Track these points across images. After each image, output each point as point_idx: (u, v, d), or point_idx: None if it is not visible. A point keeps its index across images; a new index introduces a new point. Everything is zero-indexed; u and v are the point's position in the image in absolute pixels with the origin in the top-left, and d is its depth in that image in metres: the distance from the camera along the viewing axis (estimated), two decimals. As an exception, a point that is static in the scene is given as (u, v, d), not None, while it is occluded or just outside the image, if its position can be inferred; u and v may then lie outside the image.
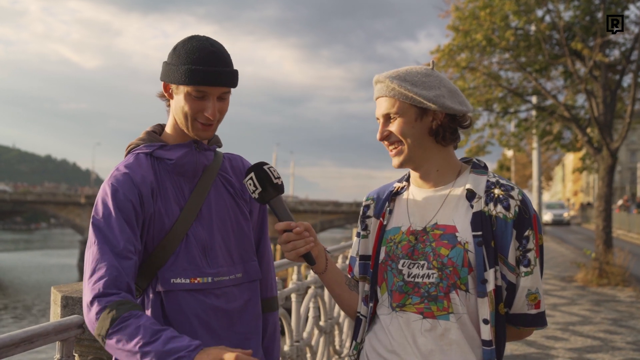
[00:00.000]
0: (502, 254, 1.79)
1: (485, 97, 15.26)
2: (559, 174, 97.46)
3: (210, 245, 1.95)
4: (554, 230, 38.17)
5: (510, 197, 1.81)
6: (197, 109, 1.88)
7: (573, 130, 15.63)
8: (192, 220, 1.93)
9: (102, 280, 1.73)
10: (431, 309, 1.81)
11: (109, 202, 1.84)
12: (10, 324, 28.21)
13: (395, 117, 1.87)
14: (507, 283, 1.81)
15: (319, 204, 64.59)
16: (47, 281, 44.58)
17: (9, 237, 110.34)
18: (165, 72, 1.91)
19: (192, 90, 1.86)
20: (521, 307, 1.83)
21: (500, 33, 13.66)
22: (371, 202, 2.07)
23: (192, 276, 1.89)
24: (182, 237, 1.91)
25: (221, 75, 1.86)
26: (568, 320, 8.74)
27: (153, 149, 1.96)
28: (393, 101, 1.87)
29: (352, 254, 2.11)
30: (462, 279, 1.78)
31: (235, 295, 1.98)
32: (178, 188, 1.95)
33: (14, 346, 1.80)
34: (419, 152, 1.88)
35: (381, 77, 1.91)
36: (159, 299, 1.89)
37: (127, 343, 1.65)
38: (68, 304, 2.23)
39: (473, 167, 1.93)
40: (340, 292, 2.04)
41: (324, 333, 4.62)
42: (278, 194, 1.88)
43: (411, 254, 1.86)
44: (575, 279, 13.30)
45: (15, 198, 71.54)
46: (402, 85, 1.85)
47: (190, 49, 1.86)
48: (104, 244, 1.78)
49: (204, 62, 1.84)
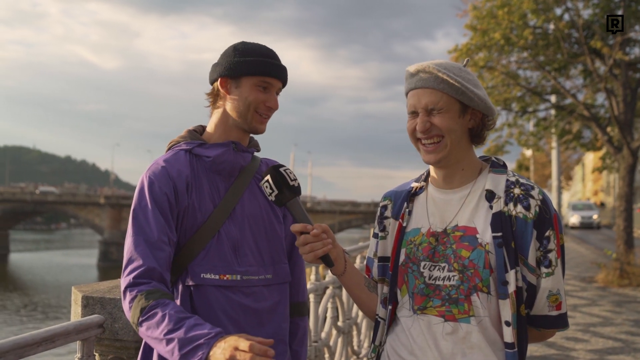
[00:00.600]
0: (522, 255, 1.77)
1: (503, 96, 15.16)
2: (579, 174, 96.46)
3: (241, 244, 1.99)
4: (573, 229, 37.72)
5: (531, 197, 1.78)
6: (261, 100, 1.99)
7: (593, 129, 15.49)
8: (224, 218, 1.97)
9: (135, 271, 1.81)
10: (452, 312, 1.78)
11: (145, 194, 1.92)
12: (31, 323, 28.52)
13: (440, 111, 1.80)
14: (528, 284, 1.78)
15: (336, 204, 64.57)
16: (68, 281, 45.03)
17: (30, 237, 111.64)
18: (226, 67, 2.00)
19: (258, 81, 1.99)
20: (542, 309, 1.80)
21: (519, 32, 13.56)
22: (388, 203, 2.04)
23: (221, 272, 1.94)
24: (214, 233, 1.95)
25: (282, 70, 2.04)
26: (589, 321, 8.65)
27: (192, 146, 2.03)
28: (440, 94, 1.79)
29: (369, 255, 2.09)
30: (484, 280, 1.75)
31: (265, 295, 2.00)
32: (214, 186, 2.00)
33: (35, 345, 1.82)
34: (456, 149, 1.85)
35: (428, 67, 1.81)
36: (188, 292, 1.93)
37: (154, 330, 1.71)
38: (88, 303, 2.25)
39: (492, 166, 1.90)
40: (360, 293, 2.02)
41: (342, 333, 4.62)
42: (294, 196, 1.88)
43: (432, 256, 1.84)
44: (596, 280, 13.16)
45: (36, 198, 72.20)
46: (455, 79, 1.78)
47: (253, 47, 2.03)
48: (139, 234, 1.86)
49: (270, 56, 2.02)
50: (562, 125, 16.08)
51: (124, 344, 2.24)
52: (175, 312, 1.73)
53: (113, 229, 63.03)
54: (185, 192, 1.95)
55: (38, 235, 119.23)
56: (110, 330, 2.21)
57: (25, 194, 77.81)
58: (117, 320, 2.22)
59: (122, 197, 70.96)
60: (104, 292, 2.29)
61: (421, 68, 1.83)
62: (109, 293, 2.28)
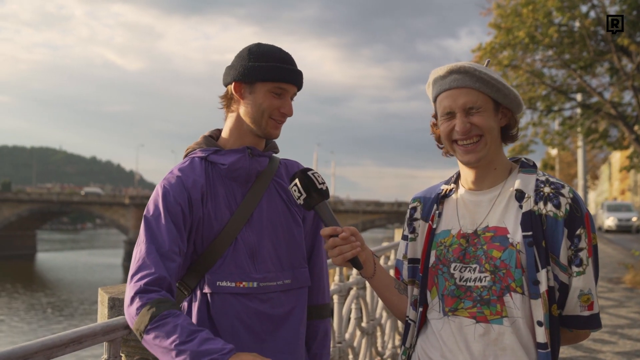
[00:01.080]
0: (553, 254, 1.75)
1: (528, 95, 15.05)
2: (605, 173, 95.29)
3: (259, 251, 1.98)
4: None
5: (561, 195, 1.76)
6: (275, 106, 1.98)
7: (620, 127, 15.29)
8: (242, 225, 1.97)
9: (146, 278, 1.80)
10: (484, 313, 1.77)
11: (159, 204, 1.92)
12: (57, 322, 28.91)
13: (478, 110, 1.81)
14: (559, 284, 1.76)
15: (360, 204, 64.41)
16: (93, 280, 45.58)
17: (56, 237, 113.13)
18: (241, 71, 1.98)
19: (273, 87, 1.97)
20: (574, 309, 1.77)
21: (544, 30, 13.45)
22: (418, 205, 2.04)
23: (237, 280, 1.94)
24: (231, 241, 1.95)
25: (298, 75, 2.02)
26: (616, 323, 8.53)
27: (208, 154, 2.02)
28: (477, 93, 1.80)
29: (398, 257, 2.08)
30: (517, 280, 1.74)
31: (282, 301, 2.00)
32: (230, 193, 2.00)
33: (63, 346, 1.83)
34: (494, 149, 1.85)
35: (462, 67, 1.81)
36: (205, 299, 1.94)
37: (164, 340, 1.70)
38: (115, 305, 2.27)
39: (522, 166, 1.89)
40: (390, 296, 2.01)
41: (366, 334, 4.61)
42: (323, 200, 1.88)
43: (462, 258, 1.83)
44: (623, 281, 12.97)
45: (62, 199, 73.11)
46: (490, 77, 1.80)
47: (268, 50, 2.00)
48: (151, 243, 1.86)
49: (285, 62, 1.99)
50: (588, 124, 15.91)
51: (149, 345, 2.25)
52: (187, 324, 1.72)
53: (138, 229, 63.18)
54: (200, 202, 1.95)
55: (64, 235, 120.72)
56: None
57: (51, 195, 78.84)
58: (143, 321, 2.23)
59: (146, 197, 71.40)
60: (130, 293, 2.30)
61: (454, 69, 1.82)
62: (135, 294, 2.29)
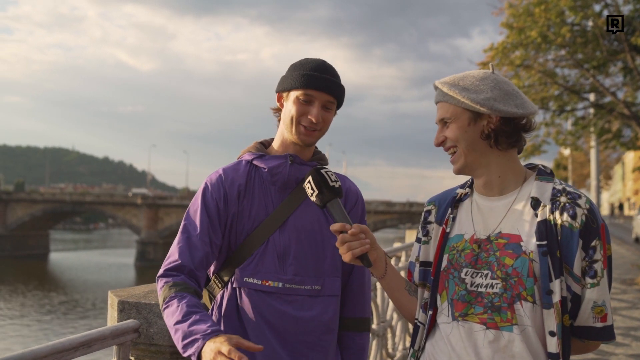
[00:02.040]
0: (567, 264, 1.73)
1: (540, 95, 14.97)
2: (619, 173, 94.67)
3: (289, 254, 2.06)
4: (612, 229, 36.94)
5: (577, 206, 1.74)
6: (303, 112, 2.06)
7: (633, 127, 15.18)
8: (274, 228, 2.07)
9: (169, 264, 2.00)
10: (494, 320, 1.76)
11: (199, 198, 2.11)
12: (69, 322, 29.10)
13: (449, 122, 1.87)
14: (572, 294, 1.74)
15: (371, 204, 64.29)
16: (106, 280, 45.83)
17: (69, 236, 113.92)
18: (280, 83, 2.14)
19: (300, 94, 2.06)
20: (586, 320, 1.76)
21: (556, 29, 13.37)
22: (432, 208, 2.04)
23: (264, 278, 2.05)
24: (263, 241, 2.07)
25: (328, 82, 2.07)
26: (629, 325, 8.47)
27: (253, 157, 2.15)
28: (447, 106, 1.87)
29: (411, 259, 2.09)
30: (528, 289, 1.73)
31: (310, 305, 2.07)
32: (268, 196, 2.11)
33: (73, 350, 1.84)
34: (474, 156, 1.85)
35: (437, 83, 1.92)
36: (235, 294, 2.07)
37: (170, 319, 1.88)
38: (124, 308, 2.27)
39: (538, 173, 1.87)
40: (400, 297, 2.02)
41: (376, 336, 4.60)
42: (335, 197, 1.90)
43: (474, 263, 1.82)
44: (637, 282, 12.89)
45: (75, 199, 73.49)
46: (452, 90, 1.85)
47: (305, 61, 2.11)
48: (184, 233, 2.06)
49: (314, 69, 2.07)
50: (601, 124, 15.80)
51: (159, 348, 2.25)
52: (188, 305, 1.86)
53: (150, 229, 63.80)
54: (237, 199, 2.09)
55: (77, 235, 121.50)
56: (145, 335, 2.23)
57: (64, 195, 79.32)
58: (152, 325, 2.24)
59: (158, 198, 71.82)
60: (140, 297, 2.31)
61: (435, 84, 1.93)
62: (145, 298, 2.30)
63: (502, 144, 1.84)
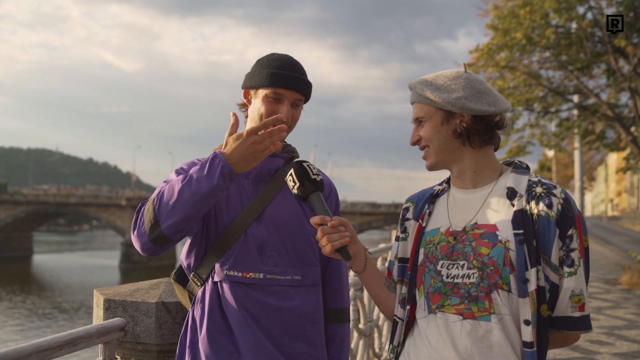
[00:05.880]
0: (544, 254, 1.75)
1: (525, 96, 15.07)
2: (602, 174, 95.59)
3: (267, 245, 2.06)
4: (596, 230, 37.32)
5: (553, 195, 1.77)
6: (272, 111, 2.06)
7: (616, 129, 15.32)
8: (251, 220, 2.07)
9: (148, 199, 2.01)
10: (471, 310, 1.77)
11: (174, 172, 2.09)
12: (54, 324, 28.85)
13: (423, 122, 1.90)
14: (550, 284, 1.76)
15: (357, 206, 64.41)
16: (90, 282, 45.52)
17: (53, 238, 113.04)
18: (247, 79, 2.13)
19: (270, 92, 2.06)
20: (564, 310, 1.78)
21: (541, 31, 13.47)
22: (411, 205, 2.06)
23: (244, 270, 2.04)
24: (240, 234, 2.06)
25: (297, 81, 2.08)
26: (613, 324, 8.54)
27: None
28: (421, 106, 1.91)
29: (391, 258, 2.10)
30: (503, 278, 1.74)
31: (291, 295, 2.07)
32: (242, 189, 2.11)
33: (57, 348, 1.83)
34: (445, 155, 1.89)
35: (411, 83, 1.95)
36: (216, 288, 2.05)
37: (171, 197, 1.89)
38: (110, 306, 2.26)
39: (514, 167, 1.90)
40: (379, 292, 2.03)
41: (363, 336, 4.60)
42: (316, 190, 1.92)
43: (450, 255, 1.83)
44: (620, 282, 12.99)
45: (58, 200, 72.93)
46: (425, 90, 1.89)
47: (272, 58, 2.11)
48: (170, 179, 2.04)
49: (284, 68, 2.07)
50: (585, 125, 15.93)
51: (145, 347, 2.24)
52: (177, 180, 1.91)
53: (134, 231, 63.35)
54: None
55: (61, 237, 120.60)
56: (131, 334, 2.22)
57: (48, 196, 78.71)
58: (138, 323, 2.22)
59: (143, 199, 71.12)
60: (126, 295, 2.30)
61: (409, 85, 1.96)
62: (131, 296, 2.28)
63: (475, 141, 1.87)
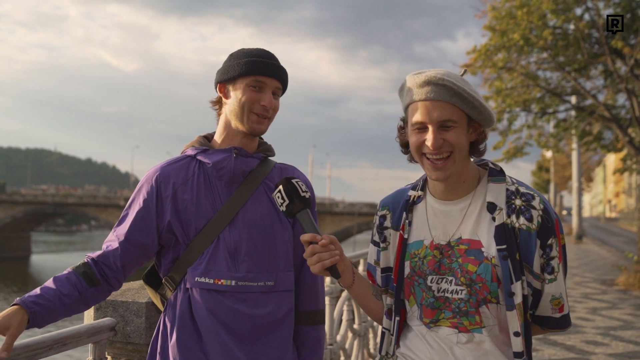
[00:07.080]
0: (527, 264, 1.77)
1: (522, 97, 15.05)
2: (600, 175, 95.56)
3: (240, 251, 2.00)
4: (594, 231, 37.28)
5: (532, 208, 1.77)
6: (254, 99, 2.01)
7: (614, 130, 15.31)
8: (224, 225, 1.99)
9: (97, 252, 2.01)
10: (464, 324, 1.79)
11: (134, 194, 2.08)
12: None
13: (452, 126, 1.73)
14: (533, 290, 1.81)
15: (355, 206, 64.40)
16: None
17: (51, 238, 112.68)
18: (222, 72, 2.07)
19: (251, 81, 2.01)
20: (546, 311, 1.85)
21: (538, 32, 13.46)
22: (387, 213, 1.99)
23: (216, 277, 1.97)
24: (213, 239, 1.99)
25: (278, 68, 2.05)
26: (609, 324, 8.54)
27: (197, 152, 2.07)
28: (452, 108, 1.72)
29: (369, 261, 2.05)
30: (492, 293, 1.76)
31: (263, 302, 2.01)
32: (215, 192, 2.03)
33: (47, 348, 1.83)
34: (462, 164, 1.80)
35: (441, 79, 1.71)
36: (187, 294, 1.99)
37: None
38: (101, 306, 2.26)
39: (490, 174, 1.85)
40: (369, 303, 2.00)
41: (358, 336, 4.61)
42: (305, 207, 1.85)
43: (438, 269, 1.82)
44: (617, 283, 13.01)
45: (57, 200, 72.84)
46: (469, 93, 1.71)
47: (247, 50, 2.08)
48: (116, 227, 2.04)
49: (262, 56, 2.04)
50: (582, 126, 15.92)
51: (135, 346, 2.24)
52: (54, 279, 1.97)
53: (133, 231, 63.21)
54: (172, 198, 2.02)
55: (59, 237, 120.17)
56: (122, 333, 2.22)
57: (46, 196, 78.57)
58: (129, 323, 2.22)
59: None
60: (116, 295, 2.29)
61: (432, 80, 1.72)
62: (121, 296, 2.28)
63: (476, 152, 1.84)
